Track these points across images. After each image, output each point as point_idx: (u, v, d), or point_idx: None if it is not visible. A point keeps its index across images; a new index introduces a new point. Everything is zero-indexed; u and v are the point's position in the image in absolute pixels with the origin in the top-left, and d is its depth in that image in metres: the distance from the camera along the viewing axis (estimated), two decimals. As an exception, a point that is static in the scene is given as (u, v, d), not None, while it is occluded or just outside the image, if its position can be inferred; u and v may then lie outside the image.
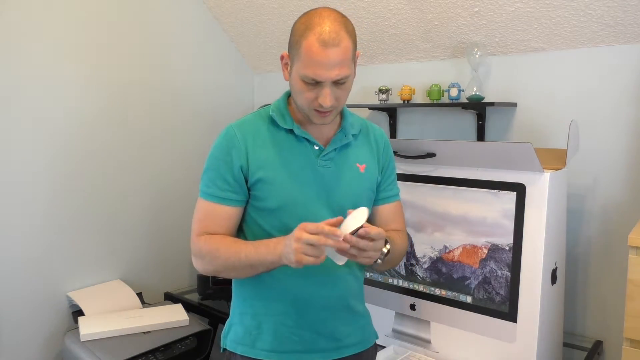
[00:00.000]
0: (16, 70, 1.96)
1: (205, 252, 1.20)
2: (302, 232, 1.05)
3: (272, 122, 1.24)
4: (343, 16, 1.15)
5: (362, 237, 1.08)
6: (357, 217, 1.08)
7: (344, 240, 1.06)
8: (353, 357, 1.29)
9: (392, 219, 1.36)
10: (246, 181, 1.20)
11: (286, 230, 1.20)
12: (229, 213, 1.21)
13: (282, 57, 1.19)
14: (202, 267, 1.23)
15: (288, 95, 1.28)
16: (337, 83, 1.14)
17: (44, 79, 2.04)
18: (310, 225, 1.06)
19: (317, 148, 1.24)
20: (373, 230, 1.09)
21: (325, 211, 1.22)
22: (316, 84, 1.13)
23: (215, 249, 1.18)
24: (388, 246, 1.20)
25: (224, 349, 1.31)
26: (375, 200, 1.34)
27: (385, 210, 1.35)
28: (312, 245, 1.05)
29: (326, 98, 1.13)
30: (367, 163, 1.29)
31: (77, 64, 2.12)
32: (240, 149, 1.20)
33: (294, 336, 1.23)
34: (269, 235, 1.21)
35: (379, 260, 1.19)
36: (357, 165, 1.28)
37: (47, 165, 2.07)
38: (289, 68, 1.18)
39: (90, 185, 2.21)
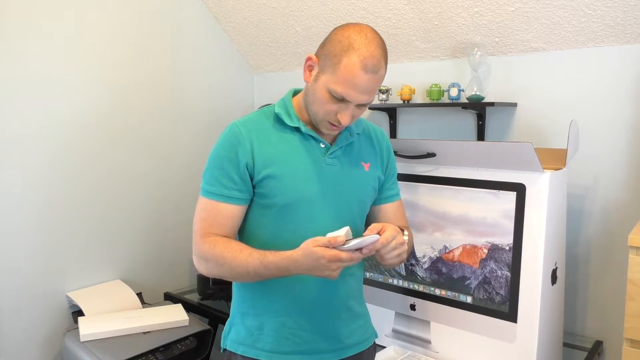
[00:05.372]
0: (16, 71, 1.96)
1: (210, 257, 1.18)
2: (338, 264, 1.06)
3: (278, 120, 1.23)
4: (382, 39, 1.15)
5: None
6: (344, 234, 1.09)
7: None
8: (353, 357, 1.30)
9: (395, 217, 1.37)
10: (251, 179, 1.20)
11: (289, 228, 1.20)
12: (233, 212, 1.20)
13: (308, 59, 1.18)
14: (205, 270, 1.21)
15: (293, 93, 1.28)
16: (359, 105, 1.15)
17: (43, 79, 2.03)
18: (343, 257, 1.06)
19: (323, 146, 1.24)
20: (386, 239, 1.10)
21: (331, 209, 1.22)
22: (341, 100, 1.13)
23: (220, 256, 1.16)
24: (406, 233, 1.22)
25: (224, 349, 1.31)
26: (378, 200, 1.35)
27: (389, 209, 1.36)
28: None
29: (347, 117, 1.15)
30: (371, 162, 1.30)
31: (75, 64, 2.12)
32: (246, 146, 1.18)
33: (295, 337, 1.23)
34: (271, 234, 1.21)
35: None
36: (362, 163, 1.28)
37: (46, 165, 2.07)
38: (313, 72, 1.17)
39: (89, 185, 2.21)
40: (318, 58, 1.16)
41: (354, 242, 1.06)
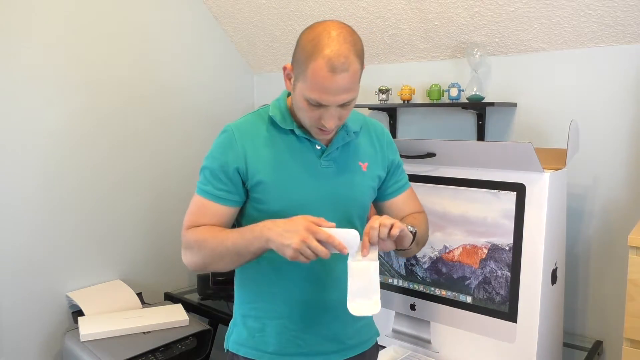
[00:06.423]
0: (15, 71, 1.96)
1: (193, 243, 1.17)
2: (311, 239, 1.03)
3: (272, 122, 1.22)
4: (352, 33, 1.10)
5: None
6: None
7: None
8: (356, 357, 1.30)
9: (408, 206, 1.36)
10: (244, 183, 1.19)
11: None
12: (221, 211, 1.19)
13: (284, 69, 1.16)
14: (190, 259, 1.19)
15: (288, 94, 1.27)
16: (342, 105, 1.12)
17: (42, 79, 2.04)
18: (322, 233, 1.03)
19: (318, 148, 1.22)
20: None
21: (328, 213, 1.21)
22: (320, 105, 1.10)
23: (202, 239, 1.15)
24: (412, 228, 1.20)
25: (227, 350, 1.31)
26: (388, 194, 1.34)
27: (401, 199, 1.35)
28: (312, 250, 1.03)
29: (330, 121, 1.12)
30: (369, 161, 1.28)
31: (74, 64, 2.12)
32: (238, 151, 1.18)
33: (297, 339, 1.23)
34: None
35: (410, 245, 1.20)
36: (360, 164, 1.27)
37: (46, 165, 2.07)
38: (292, 81, 1.15)
39: (90, 185, 2.21)
40: (292, 66, 1.14)
41: (334, 230, 1.06)
